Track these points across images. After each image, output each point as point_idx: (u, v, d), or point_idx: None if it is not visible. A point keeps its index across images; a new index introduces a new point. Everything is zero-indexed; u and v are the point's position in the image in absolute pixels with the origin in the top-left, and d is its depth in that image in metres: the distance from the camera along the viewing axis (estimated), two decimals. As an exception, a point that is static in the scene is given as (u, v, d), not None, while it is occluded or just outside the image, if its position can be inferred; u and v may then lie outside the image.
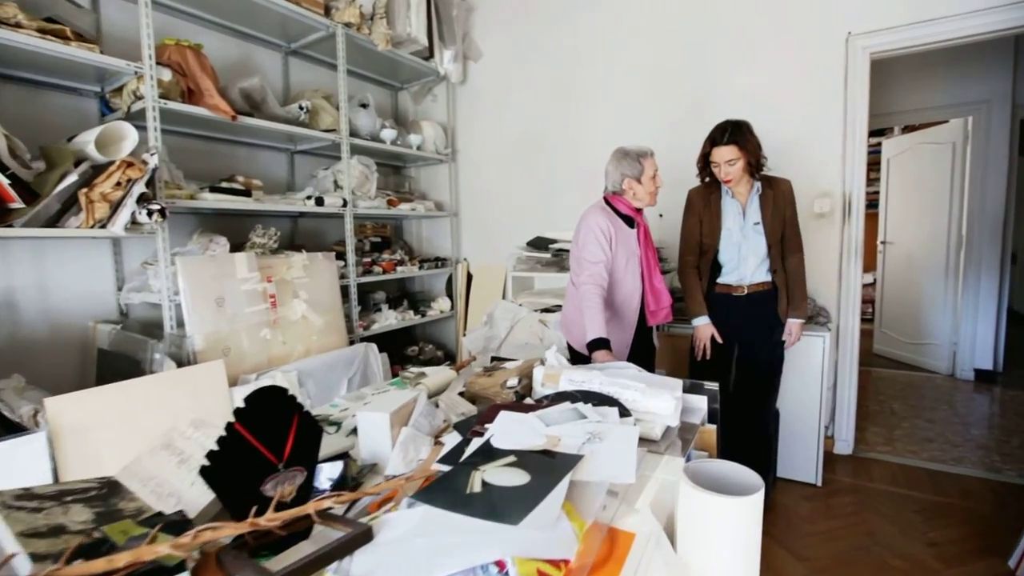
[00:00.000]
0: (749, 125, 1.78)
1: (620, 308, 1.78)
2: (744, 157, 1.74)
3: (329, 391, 2.30)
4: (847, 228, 2.40)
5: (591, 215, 1.73)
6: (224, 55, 2.63)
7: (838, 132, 2.35)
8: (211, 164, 2.58)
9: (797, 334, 1.90)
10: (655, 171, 1.71)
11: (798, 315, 1.88)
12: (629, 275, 1.76)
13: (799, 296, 1.87)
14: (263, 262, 2.24)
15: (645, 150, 1.71)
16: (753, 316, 1.89)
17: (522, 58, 3.23)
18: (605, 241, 1.69)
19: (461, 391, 1.31)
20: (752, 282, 1.88)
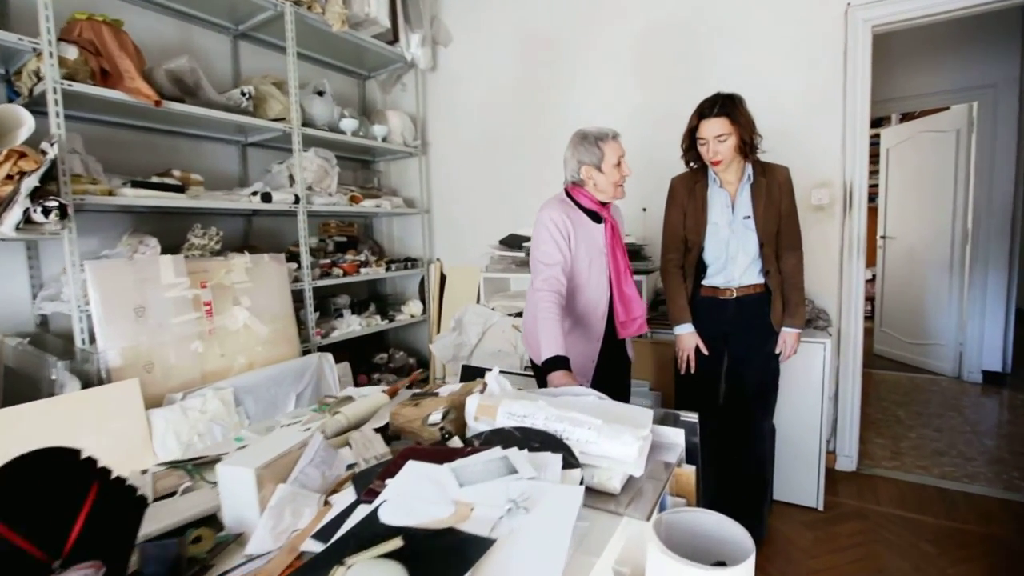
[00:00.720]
0: (742, 99, 1.54)
1: (583, 317, 1.54)
2: (736, 133, 1.50)
3: (273, 409, 2.06)
4: (848, 221, 2.18)
5: (545, 208, 1.49)
6: (162, 37, 2.38)
7: (837, 115, 2.12)
8: (148, 157, 2.33)
9: (793, 346, 1.65)
10: (620, 158, 1.46)
11: (794, 323, 1.64)
12: (593, 278, 1.52)
13: (796, 301, 1.63)
14: (197, 265, 2.00)
15: (606, 132, 1.46)
16: (744, 324, 1.66)
17: (495, 41, 2.99)
18: (562, 238, 1.45)
19: (386, 424, 1.08)
20: (741, 284, 1.64)
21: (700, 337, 1.68)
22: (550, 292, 1.39)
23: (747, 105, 1.54)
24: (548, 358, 1.29)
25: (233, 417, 1.88)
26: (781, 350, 1.65)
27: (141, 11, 2.31)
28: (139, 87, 1.88)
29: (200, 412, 1.79)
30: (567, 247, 1.45)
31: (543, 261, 1.45)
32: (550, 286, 1.40)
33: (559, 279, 1.42)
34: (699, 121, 1.54)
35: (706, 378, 1.73)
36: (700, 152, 1.58)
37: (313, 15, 2.47)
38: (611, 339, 1.58)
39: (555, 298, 1.39)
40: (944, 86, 3.39)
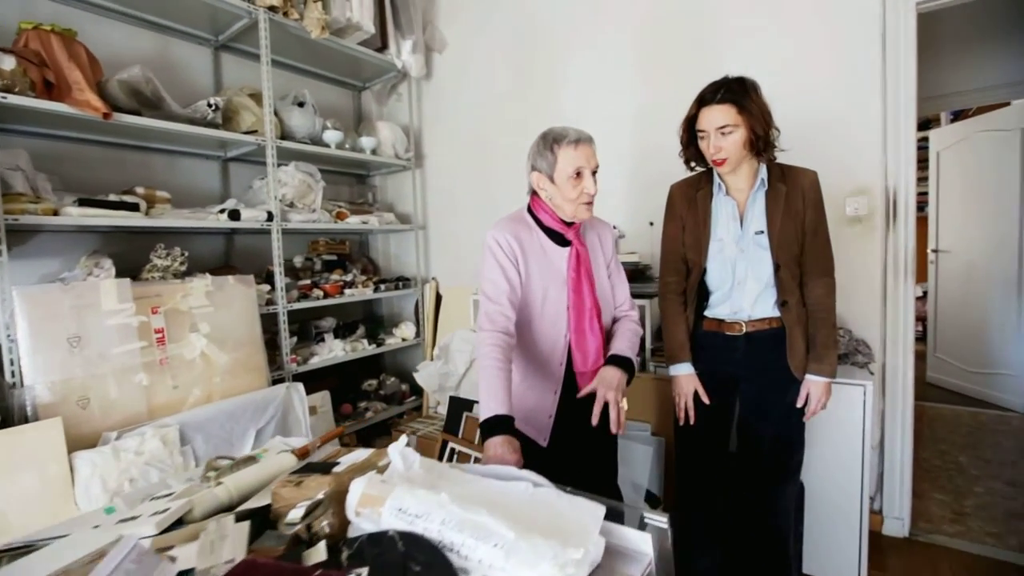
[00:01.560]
0: (756, 84, 1.24)
1: (534, 360, 1.26)
2: (746, 125, 1.20)
3: (227, 447, 1.86)
4: (892, 235, 1.83)
5: (491, 227, 1.23)
6: (138, 51, 2.28)
7: (876, 110, 1.79)
8: (116, 174, 2.22)
9: (820, 398, 1.29)
10: (578, 168, 1.15)
11: (822, 370, 1.28)
12: (548, 313, 1.23)
13: (824, 342, 1.28)
14: (148, 289, 1.84)
15: (565, 134, 1.16)
16: (757, 367, 1.33)
17: (494, 47, 2.78)
18: (508, 262, 1.18)
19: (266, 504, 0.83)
20: (753, 317, 1.32)
21: (702, 380, 1.37)
22: (493, 332, 1.12)
23: (763, 93, 1.25)
24: (486, 419, 1.02)
25: (176, 459, 1.69)
26: (802, 403, 1.31)
27: (115, 23, 2.22)
28: (88, 99, 1.75)
29: (135, 454, 1.60)
30: (516, 273, 1.19)
31: (486, 293, 1.19)
32: (494, 323, 1.14)
33: (505, 315, 1.15)
34: (699, 109, 1.25)
35: (712, 431, 1.41)
36: (701, 149, 1.30)
37: (290, 21, 2.33)
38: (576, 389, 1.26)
39: (499, 340, 1.11)
40: (1003, 78, 2.98)
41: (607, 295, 1.32)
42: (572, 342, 1.24)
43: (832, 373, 1.29)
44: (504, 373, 1.07)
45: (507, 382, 1.07)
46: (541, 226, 1.25)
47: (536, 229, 1.25)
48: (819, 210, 1.30)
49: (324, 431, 2.38)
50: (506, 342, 1.12)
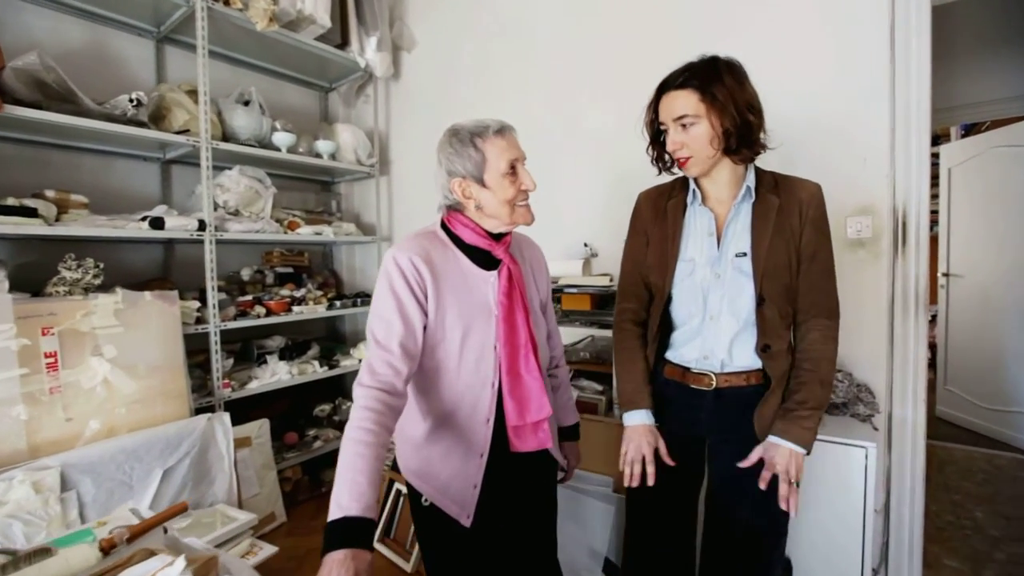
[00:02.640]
0: (735, 66, 0.98)
1: (452, 418, 0.99)
2: (713, 116, 0.94)
3: (126, 493, 1.61)
4: (901, 261, 1.57)
5: (392, 249, 0.97)
6: (66, 41, 2.07)
7: (883, 116, 1.54)
8: (35, 175, 1.99)
9: (788, 471, 0.95)
10: (513, 161, 0.95)
11: (790, 434, 0.95)
12: (470, 357, 0.96)
13: (807, 398, 0.97)
14: (39, 308, 1.60)
15: (485, 125, 0.95)
16: (727, 431, 1.05)
17: (468, 47, 2.56)
18: (409, 294, 0.92)
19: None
20: (728, 368, 1.04)
21: (664, 437, 1.08)
22: (371, 389, 0.86)
23: (746, 78, 0.99)
24: (331, 521, 0.73)
25: (52, 509, 1.43)
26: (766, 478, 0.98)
27: (39, 11, 2.01)
28: (-25, 89, 1.53)
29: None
30: (418, 309, 0.93)
31: (373, 334, 0.92)
32: (375, 377, 0.87)
33: (393, 366, 0.88)
34: (659, 97, 1.01)
35: (671, 503, 1.13)
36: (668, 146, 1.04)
37: (233, 11, 2.11)
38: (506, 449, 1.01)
39: (376, 402, 0.84)
40: (1019, 90, 2.73)
41: (542, 332, 1.09)
42: (504, 389, 0.98)
43: (806, 443, 0.96)
44: (372, 451, 0.79)
45: (373, 464, 0.79)
46: (461, 245, 1.01)
47: (453, 250, 1.01)
48: (821, 230, 1.02)
49: (257, 466, 2.12)
50: (386, 404, 0.85)
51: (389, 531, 2.04)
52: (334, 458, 2.73)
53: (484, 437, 0.99)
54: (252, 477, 2.09)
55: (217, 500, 1.83)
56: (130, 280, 2.13)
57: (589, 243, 2.15)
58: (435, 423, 1.00)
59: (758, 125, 0.98)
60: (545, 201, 2.48)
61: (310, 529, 2.17)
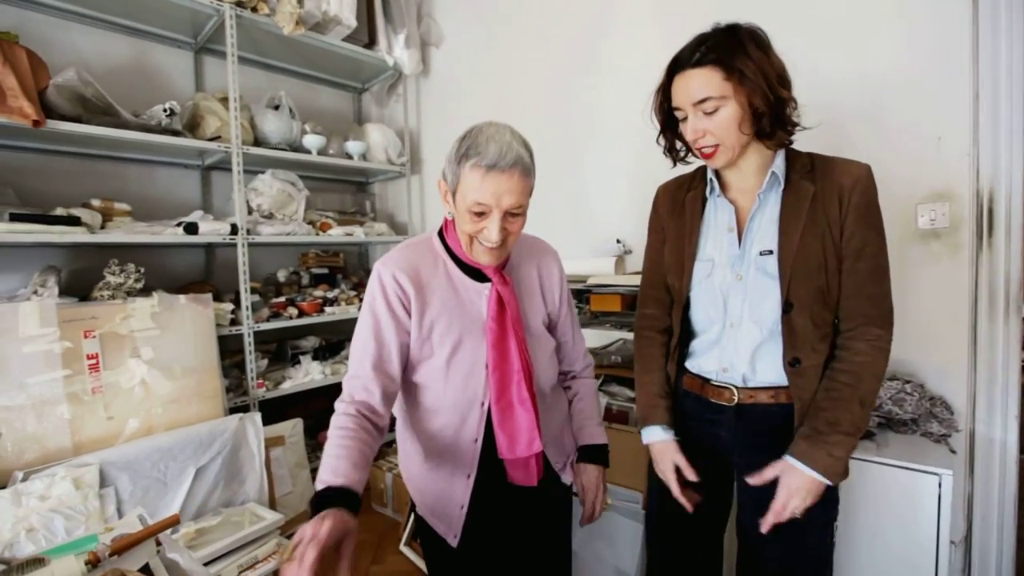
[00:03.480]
0: (758, 33, 0.83)
1: (439, 436, 0.93)
2: (741, 95, 0.80)
3: (161, 490, 1.67)
4: (987, 255, 1.34)
5: (383, 258, 0.92)
6: (112, 56, 2.18)
7: (963, 83, 1.31)
8: (84, 185, 2.11)
9: (795, 497, 0.81)
10: (479, 206, 0.81)
11: (814, 460, 0.81)
12: (457, 374, 0.90)
13: (839, 421, 0.81)
14: (81, 312, 1.68)
15: (481, 151, 0.79)
16: (753, 457, 0.90)
17: (495, 37, 2.47)
18: (388, 313, 0.87)
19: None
20: (751, 384, 0.90)
21: (685, 454, 0.96)
22: (350, 404, 0.84)
23: (771, 46, 0.83)
24: (316, 494, 0.74)
25: (92, 503, 1.50)
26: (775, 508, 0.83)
27: (85, 29, 2.12)
28: (21, 106, 1.62)
29: (39, 499, 1.42)
30: (397, 328, 0.87)
31: (352, 354, 0.89)
32: (352, 397, 0.85)
33: (367, 388, 0.85)
34: (671, 78, 0.86)
35: (692, 534, 1.00)
36: (684, 134, 0.90)
37: (260, 17, 2.14)
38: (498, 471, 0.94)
39: (353, 414, 0.82)
40: None
41: (545, 351, 0.98)
42: (495, 418, 0.90)
43: (833, 474, 0.81)
44: (351, 440, 0.78)
45: (353, 448, 0.77)
46: (453, 256, 0.93)
47: (445, 259, 0.94)
48: (868, 221, 0.85)
49: (291, 465, 2.16)
50: (363, 418, 0.83)
51: (417, 535, 2.02)
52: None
53: (472, 458, 0.92)
54: (285, 476, 2.13)
55: (248, 499, 1.87)
56: (172, 283, 2.22)
57: (622, 240, 2.01)
58: (422, 438, 0.95)
59: (790, 99, 0.83)
60: (575, 195, 2.36)
61: (341, 528, 2.18)
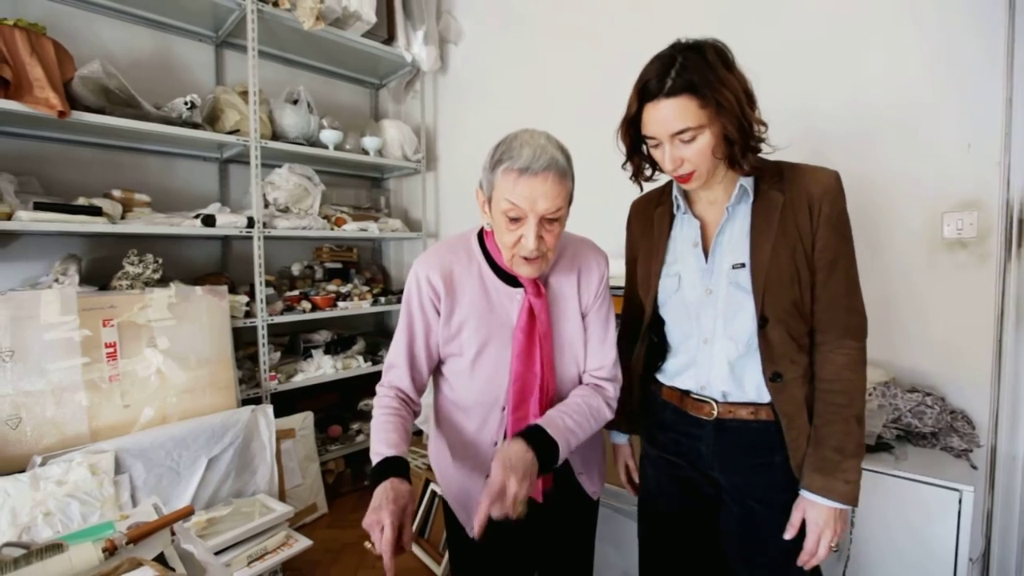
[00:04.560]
0: (723, 50, 0.79)
1: (460, 432, 0.96)
2: (717, 124, 0.77)
3: (173, 477, 1.69)
4: (1016, 265, 1.30)
5: (420, 256, 0.96)
6: (135, 48, 2.21)
7: (996, 88, 1.27)
8: (106, 175, 2.14)
9: (825, 530, 0.80)
10: (514, 210, 0.79)
11: (830, 490, 0.80)
12: (480, 376, 0.91)
13: (839, 443, 0.80)
14: (100, 301, 1.70)
15: (515, 154, 0.78)
16: (734, 476, 0.89)
17: (515, 34, 2.46)
18: (420, 313, 0.91)
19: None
20: (732, 400, 0.88)
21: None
22: (388, 387, 0.94)
23: (733, 60, 0.80)
24: (378, 462, 0.82)
25: (106, 490, 1.52)
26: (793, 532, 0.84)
27: (110, 22, 2.15)
28: (47, 97, 1.65)
29: (56, 483, 1.45)
30: (427, 327, 0.92)
31: (393, 345, 0.95)
32: (391, 387, 0.94)
33: (402, 378, 0.93)
34: (640, 105, 0.81)
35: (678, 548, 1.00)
36: (655, 158, 0.88)
37: (282, 12, 2.16)
38: None
39: (395, 403, 0.91)
40: None
41: (574, 360, 0.96)
42: (509, 427, 0.92)
43: (849, 497, 0.80)
44: (397, 418, 0.88)
45: (399, 425, 0.87)
46: (489, 259, 0.93)
47: (480, 261, 0.94)
48: (839, 231, 0.82)
49: (300, 458, 2.18)
50: (402, 401, 0.92)
51: (424, 532, 2.03)
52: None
53: (491, 459, 0.91)
54: (295, 468, 2.15)
55: (259, 489, 1.89)
56: (189, 274, 2.25)
57: (636, 241, 1.99)
58: (450, 434, 0.98)
59: (758, 121, 0.80)
60: (597, 197, 2.35)
61: (349, 523, 2.20)
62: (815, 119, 1.50)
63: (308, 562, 1.86)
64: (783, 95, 1.41)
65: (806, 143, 1.43)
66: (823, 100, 1.51)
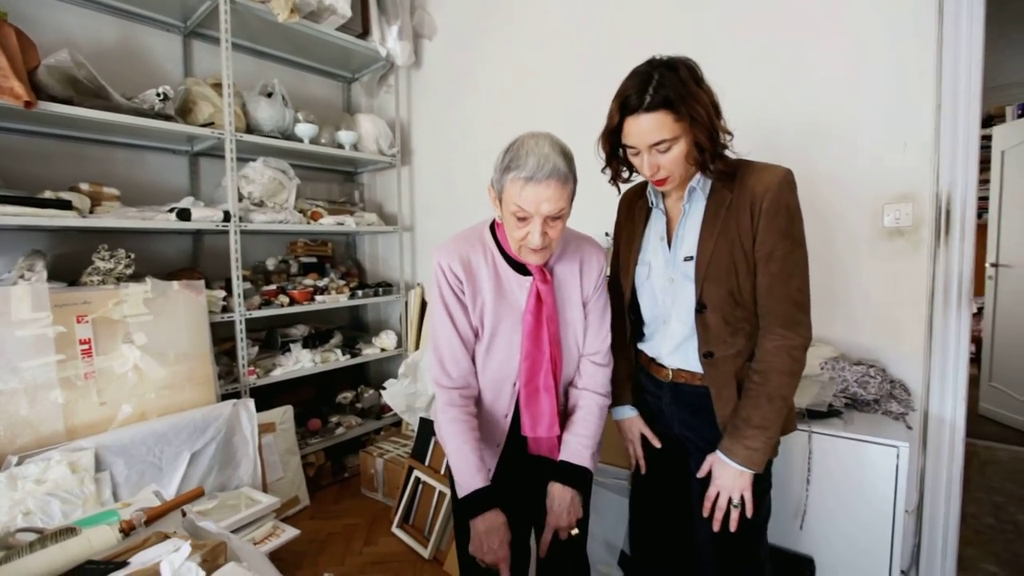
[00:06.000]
0: (694, 66, 0.89)
1: (479, 407, 1.06)
2: (690, 135, 0.87)
3: (156, 474, 1.68)
4: (944, 252, 1.48)
5: (439, 247, 1.02)
6: (98, 37, 2.14)
7: (928, 95, 1.44)
8: (72, 168, 2.07)
9: (730, 489, 0.93)
10: (518, 213, 0.89)
11: (734, 453, 0.92)
12: (495, 354, 1.01)
13: (751, 417, 0.91)
14: (73, 296, 1.67)
15: (521, 164, 0.87)
16: (686, 426, 1.04)
17: (490, 31, 2.51)
18: (454, 297, 0.99)
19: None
20: (677, 366, 1.02)
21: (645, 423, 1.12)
22: (451, 390, 0.99)
23: (702, 75, 0.89)
24: (465, 496, 0.93)
25: (88, 487, 1.50)
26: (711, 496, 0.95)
27: (70, 8, 2.07)
28: (12, 87, 1.59)
29: (35, 482, 1.42)
30: (462, 309, 0.99)
31: (436, 336, 1.01)
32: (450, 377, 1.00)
33: (462, 365, 1.00)
34: (620, 118, 0.90)
35: (659, 491, 1.14)
36: (634, 164, 0.97)
37: (255, 3, 2.13)
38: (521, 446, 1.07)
39: (459, 398, 0.98)
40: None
41: (575, 341, 1.07)
42: (521, 400, 1.02)
43: (752, 464, 0.91)
44: (475, 434, 0.96)
45: (478, 445, 0.96)
46: (501, 249, 1.02)
47: (494, 251, 1.02)
48: (777, 227, 0.90)
49: (281, 451, 2.18)
50: (465, 399, 0.98)
51: (408, 518, 2.08)
52: (357, 445, 2.77)
53: (502, 429, 1.05)
54: (276, 462, 2.15)
55: (242, 483, 1.89)
56: (160, 270, 2.20)
57: (611, 233, 2.10)
58: None
59: (725, 131, 0.91)
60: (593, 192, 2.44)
61: (332, 513, 2.22)
62: (773, 121, 1.64)
63: (295, 552, 1.88)
64: (745, 100, 1.53)
65: (765, 142, 1.56)
66: (779, 104, 1.65)
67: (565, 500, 0.99)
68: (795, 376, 0.92)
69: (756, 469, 0.91)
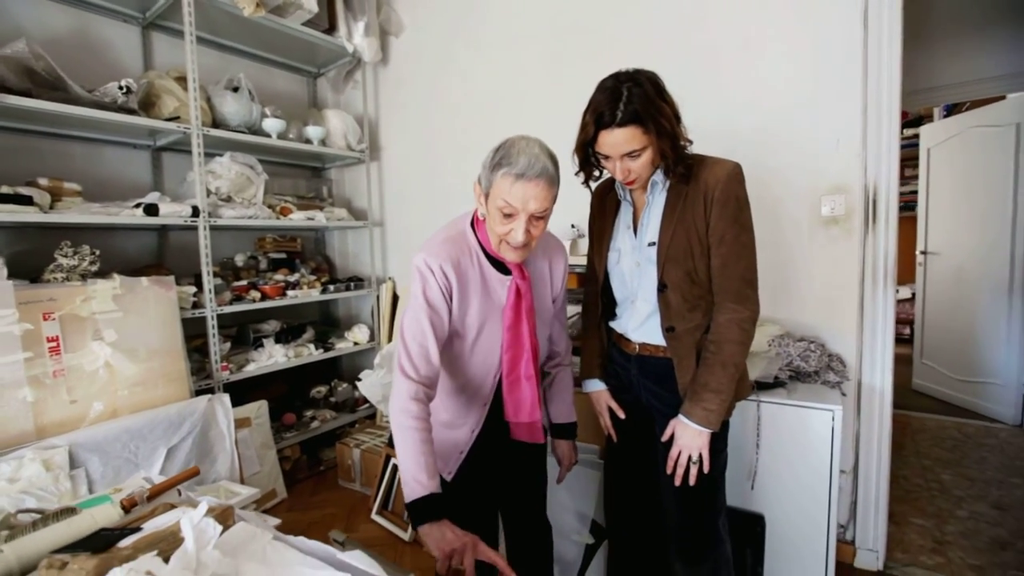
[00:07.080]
0: (657, 80, 0.99)
1: (459, 394, 1.12)
2: (656, 144, 0.98)
3: (131, 469, 1.67)
4: (871, 238, 1.65)
5: (422, 249, 1.02)
6: (51, 27, 2.07)
7: (855, 97, 1.60)
8: (26, 163, 2.01)
9: (688, 448, 1.04)
10: (508, 208, 0.93)
11: (692, 414, 1.03)
12: (480, 350, 1.07)
13: (708, 381, 1.03)
14: (39, 293, 1.63)
15: (513, 161, 0.92)
16: (652, 394, 1.16)
17: (456, 29, 2.57)
18: (442, 299, 0.99)
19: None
20: (643, 340, 1.14)
21: (617, 398, 1.24)
22: (415, 384, 0.95)
23: (664, 86, 1.00)
24: (415, 499, 0.87)
25: (63, 484, 1.49)
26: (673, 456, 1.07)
27: (22, -4, 2.00)
28: (-36, 77, 1.55)
29: (8, 481, 1.41)
30: (446, 313, 1.01)
31: (407, 331, 0.98)
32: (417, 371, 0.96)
33: (430, 361, 0.97)
34: (596, 131, 0.99)
35: (629, 457, 1.26)
36: (607, 168, 1.08)
37: (220, -4, 2.12)
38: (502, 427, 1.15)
39: (421, 392, 0.95)
40: (998, 70, 2.79)
41: (546, 330, 1.18)
42: (504, 388, 1.10)
43: (708, 423, 1.02)
44: (428, 435, 0.93)
45: (431, 446, 0.93)
46: (483, 248, 1.06)
47: (478, 252, 1.06)
48: (726, 214, 1.01)
49: (257, 446, 2.19)
50: (427, 395, 0.97)
51: (387, 504, 2.13)
52: (332, 438, 2.80)
53: (478, 417, 1.12)
54: (253, 456, 2.16)
55: (220, 477, 1.90)
56: (125, 266, 2.16)
57: (576, 224, 2.21)
58: (444, 398, 1.11)
59: (685, 139, 1.03)
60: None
61: (309, 505, 2.25)
62: (727, 124, 1.77)
63: (275, 542, 1.90)
64: (701, 100, 1.66)
65: (719, 143, 1.69)
66: (731, 109, 1.79)
67: (571, 449, 1.28)
68: (745, 345, 1.05)
69: (713, 428, 1.03)
